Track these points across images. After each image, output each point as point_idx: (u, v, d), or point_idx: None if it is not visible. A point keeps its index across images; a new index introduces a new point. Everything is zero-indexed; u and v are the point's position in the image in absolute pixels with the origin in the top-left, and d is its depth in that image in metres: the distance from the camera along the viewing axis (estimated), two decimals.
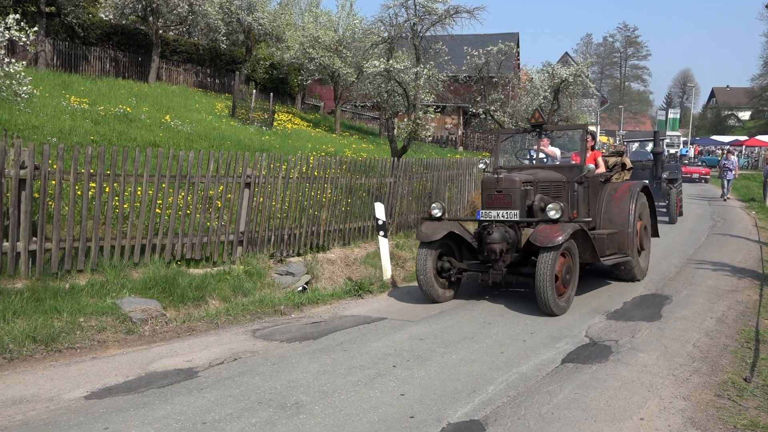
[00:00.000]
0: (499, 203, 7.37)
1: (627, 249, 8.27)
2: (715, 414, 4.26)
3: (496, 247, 7.08)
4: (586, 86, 21.26)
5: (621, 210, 8.40)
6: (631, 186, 8.71)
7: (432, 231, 7.45)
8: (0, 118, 10.03)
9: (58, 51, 20.75)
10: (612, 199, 8.54)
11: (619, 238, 8.26)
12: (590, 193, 8.29)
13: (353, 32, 24.36)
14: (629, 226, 8.29)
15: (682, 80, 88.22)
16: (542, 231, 6.66)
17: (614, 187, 8.76)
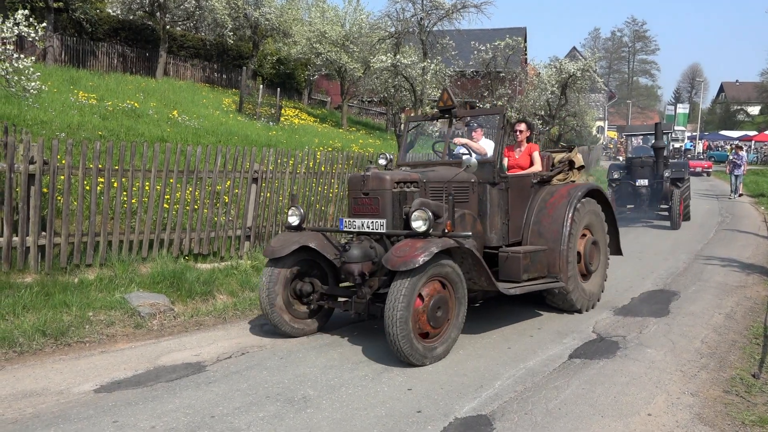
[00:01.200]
0: (366, 209, 5.59)
1: (558, 271, 6.41)
2: (723, 410, 4.25)
3: (353, 268, 5.32)
4: (593, 81, 21.21)
5: (553, 220, 6.55)
6: (572, 189, 6.79)
7: (281, 245, 5.67)
8: (9, 113, 10.09)
9: (66, 46, 20.82)
10: (545, 206, 6.70)
11: (547, 257, 6.42)
12: (512, 197, 6.51)
13: (360, 27, 24.31)
14: (562, 241, 6.43)
15: (691, 75, 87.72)
16: (398, 249, 4.91)
17: (551, 191, 6.87)
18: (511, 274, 6.06)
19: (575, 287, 6.64)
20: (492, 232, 6.26)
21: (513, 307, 7.10)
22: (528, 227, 6.70)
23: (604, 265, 7.31)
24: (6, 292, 5.89)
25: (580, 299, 6.72)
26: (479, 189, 6.25)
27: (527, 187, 6.84)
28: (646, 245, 11.62)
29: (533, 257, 6.22)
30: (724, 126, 63.71)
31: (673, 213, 13.92)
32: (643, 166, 14.73)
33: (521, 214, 6.69)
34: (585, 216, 6.84)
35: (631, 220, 15.12)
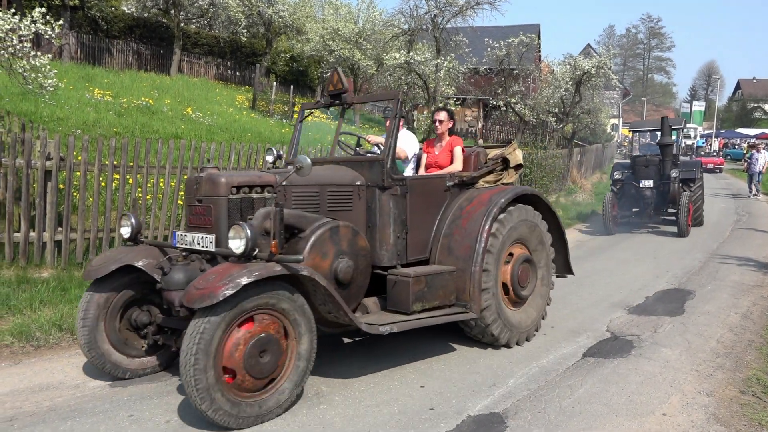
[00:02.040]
0: (200, 221, 4.42)
1: (468, 299, 5.11)
2: (739, 410, 4.21)
3: (173, 297, 4.09)
4: (608, 78, 21.04)
5: (466, 234, 5.23)
6: (496, 195, 5.45)
7: (101, 263, 4.45)
8: (26, 110, 10.20)
9: (82, 44, 21.01)
10: (460, 216, 5.37)
11: (456, 281, 5.13)
12: (414, 204, 5.20)
13: (373, 24, 24.29)
14: (473, 260, 5.11)
15: (707, 72, 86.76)
16: (203, 278, 3.76)
17: (471, 197, 5.54)
18: (399, 303, 4.82)
19: (496, 318, 5.25)
20: (382, 248, 4.99)
21: None
22: (437, 242, 5.37)
23: (545, 287, 5.94)
24: (23, 286, 5.96)
25: (506, 332, 5.35)
26: (368, 194, 5.05)
27: (439, 192, 5.50)
28: (660, 244, 11.53)
29: (431, 281, 4.91)
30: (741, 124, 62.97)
31: (680, 218, 12.35)
32: (647, 165, 13.24)
33: (429, 225, 5.38)
34: (514, 227, 5.47)
35: (635, 225, 13.67)
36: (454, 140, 5.96)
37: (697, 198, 13.47)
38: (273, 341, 3.85)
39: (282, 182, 4.51)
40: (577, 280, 8.37)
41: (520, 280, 5.54)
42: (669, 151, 12.96)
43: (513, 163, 5.97)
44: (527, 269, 5.63)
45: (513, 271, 5.50)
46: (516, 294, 5.54)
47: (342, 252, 4.54)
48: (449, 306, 5.12)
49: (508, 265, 5.49)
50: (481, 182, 5.84)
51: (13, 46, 7.79)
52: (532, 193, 5.91)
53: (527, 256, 5.65)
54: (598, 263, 9.76)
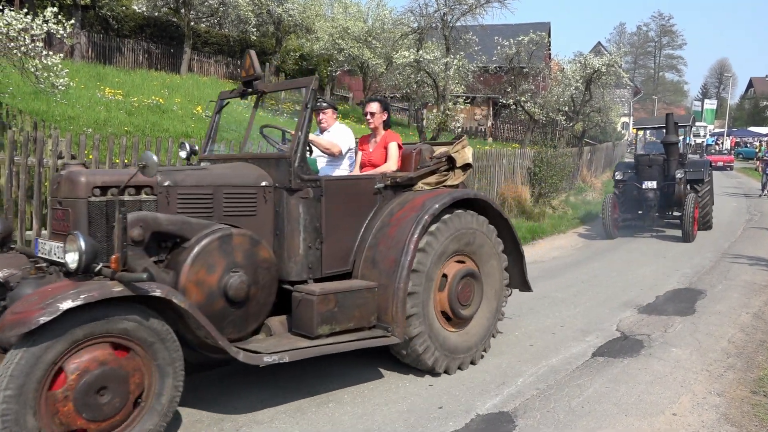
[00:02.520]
0: (60, 226, 3.84)
1: (391, 320, 4.40)
2: (750, 411, 4.18)
3: None
4: (619, 76, 20.90)
5: (393, 244, 4.52)
6: (430, 199, 4.73)
7: None
8: (38, 109, 10.29)
9: (93, 43, 21.14)
10: (389, 223, 4.67)
11: (377, 299, 4.43)
12: (333, 209, 4.51)
13: (383, 23, 24.30)
14: (397, 276, 4.39)
15: (719, 70, 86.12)
16: (20, 303, 3.15)
17: (404, 201, 4.83)
18: (302, 325, 4.16)
19: (428, 343, 4.56)
20: (291, 260, 4.35)
21: (535, 304, 7.06)
22: (361, 253, 4.65)
23: (494, 303, 5.20)
24: None
25: (443, 359, 4.67)
26: (276, 197, 4.42)
27: (366, 195, 4.76)
28: (670, 244, 11.46)
29: (344, 300, 4.23)
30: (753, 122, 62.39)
31: (685, 221, 11.44)
32: (651, 165, 12.37)
33: (352, 233, 4.67)
34: (454, 237, 4.75)
35: (637, 229, 12.81)
36: (388, 135, 5.27)
37: (704, 200, 12.67)
38: (117, 376, 3.18)
39: (164, 183, 3.93)
40: (586, 280, 8.35)
41: (461, 297, 4.80)
42: (674, 150, 12.32)
43: (459, 163, 5.24)
44: (471, 285, 4.89)
45: (451, 287, 4.74)
46: (454, 313, 4.79)
47: (235, 265, 3.89)
48: (368, 328, 4.39)
49: (446, 279, 4.73)
50: (421, 184, 5.08)
51: (26, 45, 7.85)
52: (477, 197, 5.13)
53: (470, 269, 4.89)
54: (607, 263, 9.72)
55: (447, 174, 5.28)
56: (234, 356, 3.65)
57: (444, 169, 5.26)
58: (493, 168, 13.19)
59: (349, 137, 5.36)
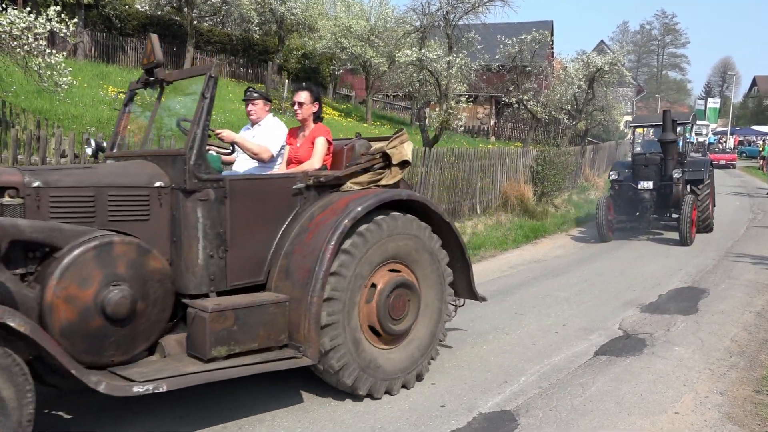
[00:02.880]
0: None
1: (303, 340, 3.90)
2: (753, 410, 4.18)
3: None
4: (622, 75, 20.87)
5: (308, 252, 4.02)
6: (353, 201, 4.20)
7: None
8: (41, 107, 10.30)
9: (96, 42, 21.16)
10: (308, 228, 4.17)
11: (290, 315, 3.96)
12: (241, 212, 4.02)
13: (385, 21, 24.28)
14: (311, 288, 3.89)
15: (723, 68, 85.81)
16: None
17: (327, 203, 4.32)
18: (195, 346, 3.70)
19: (349, 363, 4.01)
20: (189, 270, 3.85)
21: (537, 303, 7.05)
22: (276, 262, 4.15)
23: (435, 318, 4.65)
24: None
25: (364, 378, 4.11)
26: (173, 200, 3.90)
27: (283, 196, 4.26)
28: (674, 242, 11.44)
29: (246, 317, 3.76)
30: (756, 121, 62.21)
31: (682, 224, 10.91)
32: (647, 164, 11.77)
33: (266, 240, 4.17)
34: (385, 242, 4.24)
35: (633, 231, 12.26)
36: (317, 129, 4.73)
37: (704, 201, 12.10)
38: None
39: (33, 184, 3.46)
40: (588, 279, 8.34)
41: (392, 311, 4.26)
42: (671, 149, 11.61)
43: (396, 160, 4.65)
44: (405, 297, 4.35)
45: (379, 301, 4.19)
46: (384, 329, 4.25)
47: (117, 277, 3.44)
48: (279, 348, 3.91)
49: (375, 289, 4.22)
50: (350, 184, 4.52)
51: (29, 44, 7.86)
52: (411, 198, 4.53)
53: (405, 279, 4.35)
54: (610, 261, 9.71)
55: (382, 172, 4.68)
56: (93, 387, 3.15)
57: (379, 167, 4.70)
58: (495, 167, 13.18)
59: (283, 135, 4.81)
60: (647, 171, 11.76)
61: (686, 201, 11.07)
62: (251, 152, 4.58)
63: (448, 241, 4.81)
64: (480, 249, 10.11)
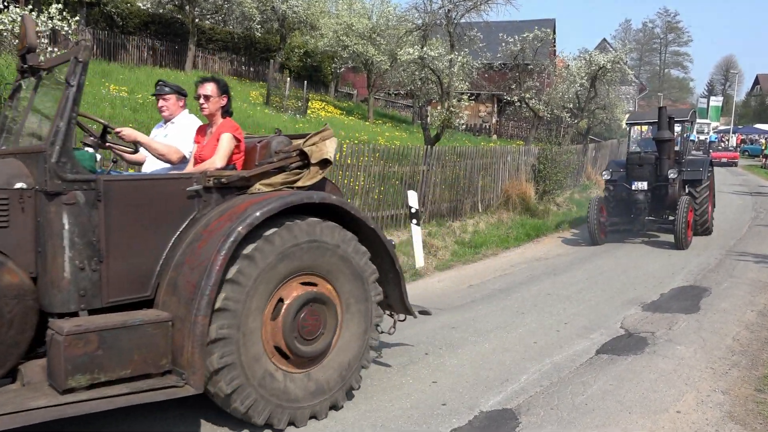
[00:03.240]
0: None
1: (186, 365, 3.39)
2: (755, 409, 4.17)
3: None
4: (624, 73, 20.86)
5: (198, 263, 3.52)
6: (252, 206, 3.67)
7: None
8: None
9: (98, 40, 21.16)
10: (201, 237, 3.66)
11: (173, 335, 3.46)
12: (121, 218, 3.52)
13: (387, 19, 24.26)
14: (196, 304, 3.38)
15: (725, 66, 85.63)
16: None
17: (226, 208, 3.82)
18: (52, 374, 3.22)
19: (239, 380, 3.51)
20: (54, 285, 3.35)
21: (539, 301, 7.05)
22: (165, 275, 3.64)
23: (358, 337, 4.09)
24: None
25: (262, 404, 3.60)
26: (36, 204, 3.41)
27: (176, 199, 3.74)
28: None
29: (113, 340, 3.25)
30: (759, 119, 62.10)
31: (677, 227, 10.37)
32: (642, 164, 11.21)
33: (155, 248, 3.65)
34: (294, 252, 3.71)
35: (627, 234, 11.73)
36: (224, 124, 4.26)
37: (702, 203, 11.54)
38: None
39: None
40: (590, 277, 8.34)
41: (304, 330, 3.75)
42: (667, 148, 11.15)
43: (315, 159, 4.12)
44: (321, 314, 3.85)
45: (288, 317, 3.69)
46: (293, 350, 3.72)
47: None
48: (160, 375, 3.39)
49: (281, 305, 3.73)
50: (260, 185, 3.99)
51: None
52: (325, 201, 3.94)
53: (319, 294, 3.85)
54: (612, 260, 9.70)
55: (300, 172, 4.14)
56: None
57: (296, 167, 4.15)
58: (497, 165, 13.17)
59: (188, 134, 4.44)
60: (642, 171, 11.21)
61: (682, 202, 10.54)
62: (157, 153, 4.20)
63: (378, 252, 4.29)
64: (482, 247, 10.12)
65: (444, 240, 10.17)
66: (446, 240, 10.16)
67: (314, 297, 3.83)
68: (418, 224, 8.74)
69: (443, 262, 9.17)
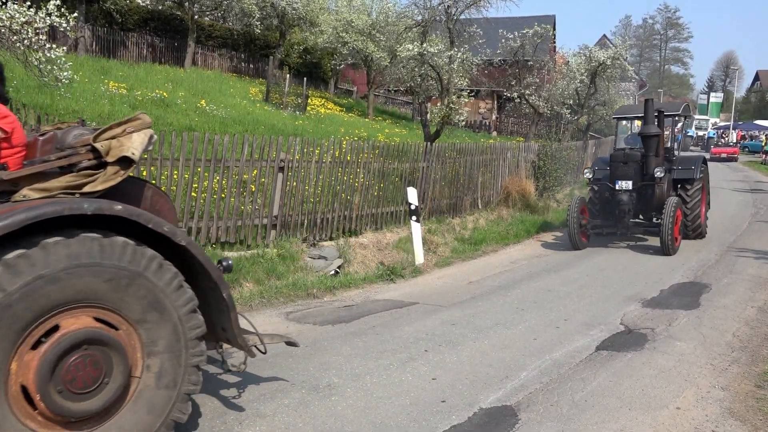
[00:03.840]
0: None
1: None
2: (754, 405, 4.17)
3: None
4: (624, 69, 20.83)
5: None
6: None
7: None
8: (42, 102, 10.28)
9: (97, 37, 21.11)
10: None
11: None
12: None
13: (387, 16, 24.20)
14: None
15: (725, 63, 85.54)
16: None
17: None
18: None
19: None
20: None
21: (539, 298, 7.04)
22: None
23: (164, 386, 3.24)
24: None
25: None
26: None
27: None
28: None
29: None
30: (759, 115, 62.05)
31: (663, 231, 9.48)
32: (626, 161, 10.24)
33: None
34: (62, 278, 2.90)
35: (611, 238, 10.89)
36: None
37: (694, 205, 10.63)
38: None
39: None
40: (590, 274, 8.33)
41: (70, 381, 2.91)
42: (653, 144, 10.13)
43: (112, 157, 3.30)
44: (99, 359, 3.00)
45: (44, 362, 2.84)
46: (52, 407, 2.86)
47: None
48: None
49: (35, 351, 2.86)
50: (28, 191, 3.14)
51: (29, 38, 7.84)
52: (101, 212, 3.03)
53: (97, 333, 3.00)
54: (612, 256, 9.69)
55: (95, 173, 3.27)
56: None
57: (84, 166, 3.28)
58: (497, 161, 13.15)
59: None
60: (626, 169, 10.19)
61: (669, 204, 9.67)
62: None
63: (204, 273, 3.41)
64: (481, 244, 10.11)
65: (444, 237, 10.16)
66: (446, 237, 10.14)
67: (91, 337, 2.96)
68: (418, 221, 8.73)
69: (443, 259, 9.16)
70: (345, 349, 5.18)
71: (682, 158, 11.40)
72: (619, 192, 10.14)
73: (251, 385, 4.34)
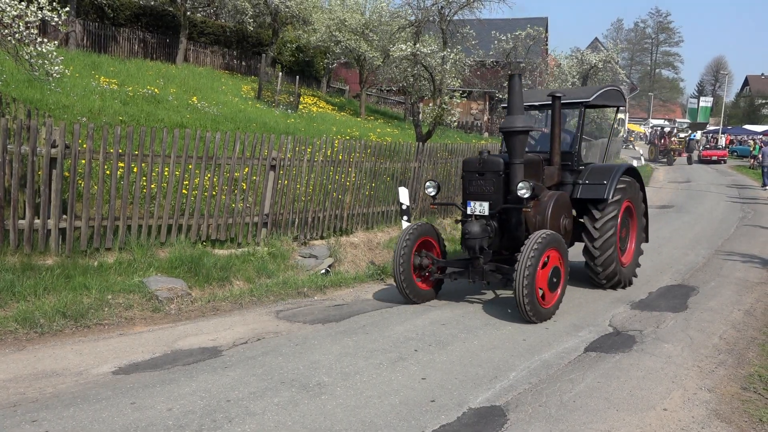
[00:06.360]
0: None
1: None
2: (740, 407, 4.21)
3: None
4: (615, 73, 20.97)
5: None
6: None
7: None
8: (32, 97, 10.21)
9: (88, 31, 20.97)
10: None
11: None
12: None
13: (380, 15, 24.19)
14: None
15: (715, 67, 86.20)
16: None
17: None
18: None
19: None
20: None
21: None
22: None
23: None
24: (28, 273, 5.99)
25: None
26: None
27: None
28: (665, 239, 11.49)
29: None
30: (748, 120, 62.56)
31: (516, 287, 5.82)
32: (482, 171, 6.84)
33: None
34: None
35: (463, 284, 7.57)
36: None
37: (604, 242, 7.21)
38: None
39: None
40: (580, 276, 8.36)
41: None
42: (517, 145, 6.73)
43: None
44: None
45: None
46: None
47: None
48: None
49: None
50: None
51: (20, 32, 7.78)
52: None
53: None
54: None
55: None
56: None
57: None
58: None
59: None
60: (482, 184, 6.87)
61: (530, 243, 5.97)
62: None
63: None
64: None
65: None
66: None
67: None
68: (409, 221, 8.74)
69: None
70: (335, 348, 5.19)
71: (594, 169, 7.79)
72: (468, 221, 6.76)
73: (241, 383, 4.33)
